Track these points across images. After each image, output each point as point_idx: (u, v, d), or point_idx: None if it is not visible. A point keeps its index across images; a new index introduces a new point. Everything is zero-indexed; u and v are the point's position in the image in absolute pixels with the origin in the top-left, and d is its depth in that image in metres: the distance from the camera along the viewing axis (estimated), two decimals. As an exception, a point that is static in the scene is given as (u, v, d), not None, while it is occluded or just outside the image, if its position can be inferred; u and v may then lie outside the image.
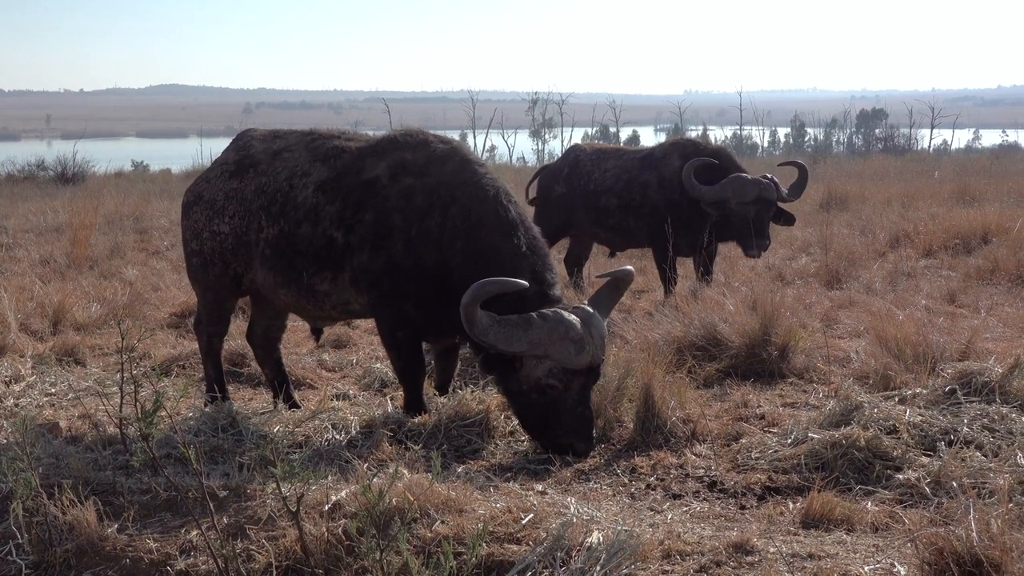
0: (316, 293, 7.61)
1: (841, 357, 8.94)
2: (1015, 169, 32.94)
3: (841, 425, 6.62)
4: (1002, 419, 6.65)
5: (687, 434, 7.02)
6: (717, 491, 6.12)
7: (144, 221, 20.93)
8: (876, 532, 5.31)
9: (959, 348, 8.45)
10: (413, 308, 7.28)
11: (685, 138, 14.46)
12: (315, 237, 7.48)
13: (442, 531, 4.87)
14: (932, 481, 5.84)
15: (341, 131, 8.20)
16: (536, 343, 6.53)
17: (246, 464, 6.08)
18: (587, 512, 5.25)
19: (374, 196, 7.36)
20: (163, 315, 11.72)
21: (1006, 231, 15.55)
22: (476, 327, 6.44)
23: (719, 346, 8.91)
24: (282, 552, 4.84)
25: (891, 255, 15.13)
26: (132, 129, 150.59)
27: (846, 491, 5.90)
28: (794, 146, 69.71)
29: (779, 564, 4.68)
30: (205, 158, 41.86)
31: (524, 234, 7.15)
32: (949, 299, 11.85)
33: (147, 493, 5.69)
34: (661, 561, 4.76)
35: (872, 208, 20.50)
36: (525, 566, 4.60)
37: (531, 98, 75.12)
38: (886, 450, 6.21)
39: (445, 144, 7.62)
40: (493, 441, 7.07)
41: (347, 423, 7.06)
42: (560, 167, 13.64)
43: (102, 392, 7.77)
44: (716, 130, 76.43)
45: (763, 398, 8.05)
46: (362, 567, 4.62)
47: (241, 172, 7.96)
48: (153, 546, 5.08)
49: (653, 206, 12.30)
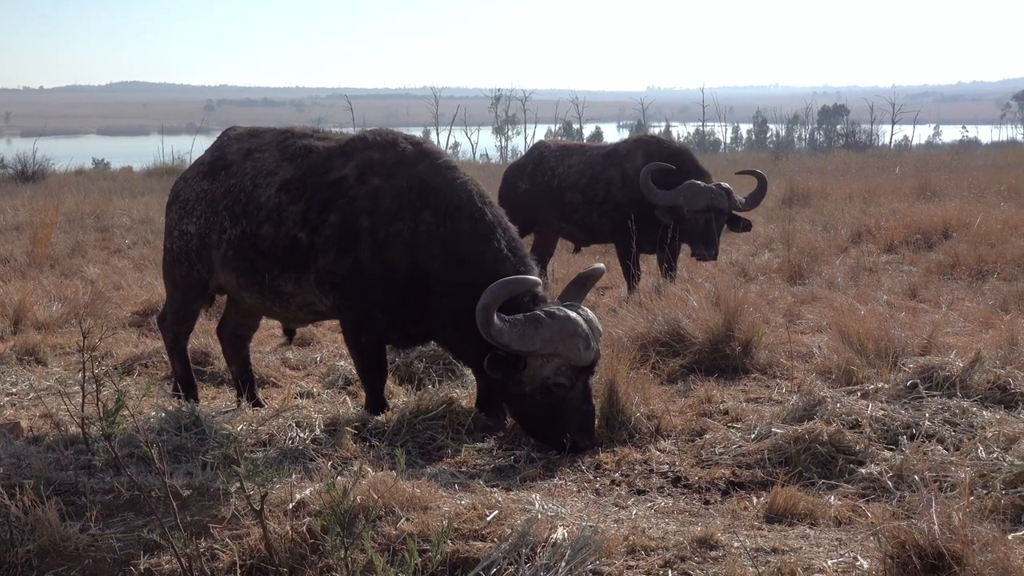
0: (280, 295, 7.56)
1: (804, 352, 8.98)
2: (975, 164, 33.22)
3: (804, 420, 6.66)
4: (963, 413, 6.69)
5: (651, 430, 7.04)
6: (681, 486, 6.14)
7: (105, 219, 20.78)
8: (839, 526, 5.34)
9: (920, 343, 8.51)
10: (380, 312, 7.23)
11: (649, 135, 14.49)
12: (278, 238, 7.40)
13: (407, 529, 4.87)
14: (894, 475, 5.87)
15: (315, 130, 8.10)
16: (548, 341, 6.54)
17: (209, 463, 6.06)
18: (552, 508, 5.26)
19: (340, 197, 7.28)
20: (125, 314, 11.63)
21: (966, 226, 15.68)
22: (492, 328, 6.42)
23: (683, 342, 8.93)
24: (246, 551, 4.82)
25: (853, 250, 15.21)
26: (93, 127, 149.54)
27: (809, 485, 5.93)
28: (756, 142, 70.08)
29: (743, 559, 4.69)
30: (167, 156, 41.68)
31: (503, 235, 7.13)
32: (910, 294, 11.94)
33: (110, 493, 5.66)
34: (626, 556, 4.76)
35: (834, 204, 20.61)
36: (490, 563, 4.60)
37: (494, 95, 75.15)
38: (849, 444, 6.24)
39: (415, 145, 7.52)
40: (458, 437, 7.06)
41: (311, 421, 7.03)
42: (524, 164, 13.72)
43: (64, 391, 7.70)
44: (679, 126, 76.71)
45: (727, 393, 8.07)
46: (327, 565, 4.61)
47: (214, 173, 7.91)
48: (116, 546, 5.05)
49: (616, 203, 12.34)
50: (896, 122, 64.15)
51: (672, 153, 12.42)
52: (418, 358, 8.70)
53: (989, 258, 13.47)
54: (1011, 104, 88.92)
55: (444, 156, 7.57)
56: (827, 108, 77.50)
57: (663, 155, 12.29)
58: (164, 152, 42.69)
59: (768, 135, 73.00)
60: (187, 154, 41.02)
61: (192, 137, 47.18)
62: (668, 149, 12.62)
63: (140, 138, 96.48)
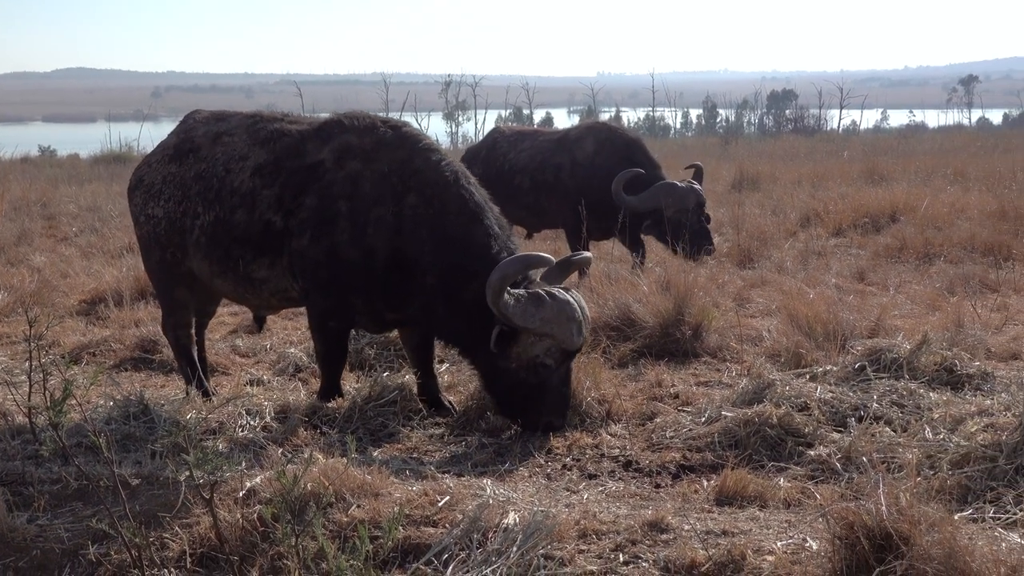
0: (253, 281, 7.49)
1: (753, 336, 9.03)
2: (922, 149, 33.52)
3: (754, 403, 6.70)
4: (910, 395, 6.76)
5: (602, 414, 7.06)
6: (632, 470, 6.16)
7: (52, 207, 20.60)
8: (788, 508, 5.38)
9: (868, 325, 8.59)
10: (356, 297, 7.19)
11: (600, 122, 14.54)
12: (252, 223, 7.33)
13: (358, 515, 4.87)
14: (843, 457, 5.92)
15: (285, 114, 8.04)
16: (546, 321, 6.55)
17: (159, 452, 6.03)
18: (503, 494, 5.27)
19: (317, 180, 7.20)
20: (72, 302, 11.53)
21: (913, 210, 15.83)
22: (501, 301, 6.43)
23: (633, 327, 8.95)
24: (196, 539, 4.80)
25: (802, 234, 15.32)
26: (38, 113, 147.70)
27: (759, 468, 5.97)
28: (706, 127, 70.23)
29: (694, 541, 4.72)
30: (114, 143, 41.24)
31: (491, 214, 7.13)
32: (858, 277, 12.04)
33: (57, 483, 5.62)
34: (577, 540, 4.78)
35: (783, 188, 20.75)
36: (442, 548, 4.60)
37: (444, 80, 74.91)
38: (798, 427, 6.29)
39: (394, 129, 7.44)
40: (410, 423, 7.05)
41: (261, 409, 6.99)
42: (479, 148, 13.88)
43: (10, 381, 7.61)
44: (629, 111, 76.74)
45: (677, 377, 8.10)
46: (278, 553, 4.60)
47: (180, 157, 7.81)
48: (64, 536, 5.02)
49: (565, 189, 12.38)
50: (844, 107, 64.57)
51: (625, 143, 12.52)
52: (369, 344, 8.69)
53: (936, 241, 13.60)
54: (957, 89, 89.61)
55: (425, 139, 7.48)
56: (776, 93, 77.75)
57: (615, 144, 12.39)
58: (111, 139, 42.29)
59: (718, 120, 73.14)
60: (135, 141, 40.64)
61: (140, 124, 46.73)
62: (621, 138, 12.71)
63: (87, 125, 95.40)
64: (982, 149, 32.40)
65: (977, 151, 31.41)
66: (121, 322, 10.29)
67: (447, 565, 4.50)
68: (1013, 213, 15.16)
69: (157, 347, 9.26)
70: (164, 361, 9.09)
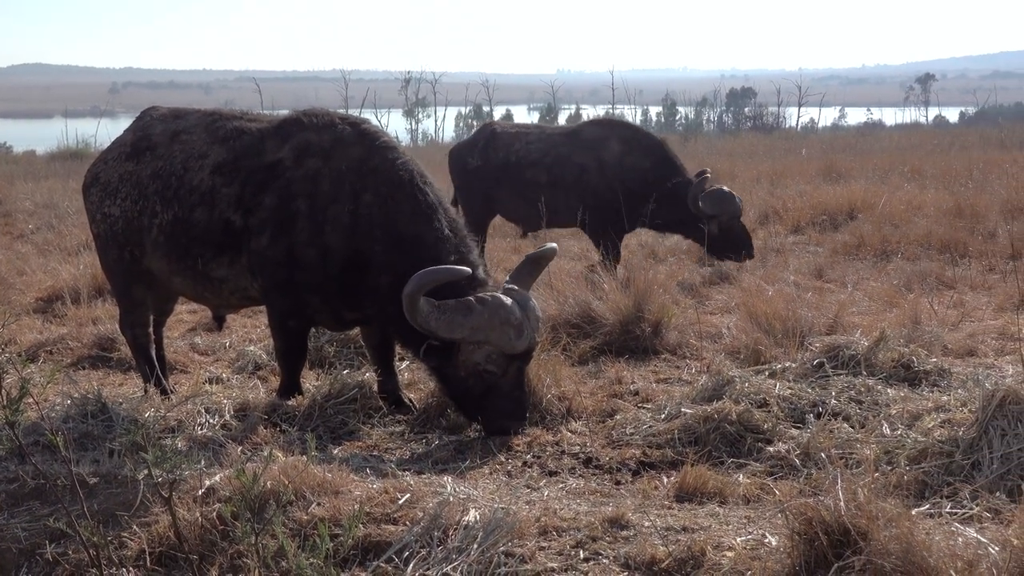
0: (212, 280, 7.44)
1: (713, 333, 9.07)
2: (879, 147, 33.76)
3: (713, 400, 6.72)
4: (868, 391, 6.80)
5: (563, 411, 7.06)
6: (593, 467, 6.17)
7: (8, 204, 20.45)
8: (748, 504, 5.40)
9: (827, 322, 8.63)
10: (314, 297, 7.15)
11: (617, 120, 14.62)
12: (211, 222, 7.27)
13: (318, 513, 4.85)
14: (801, 453, 5.95)
15: (244, 112, 8.00)
16: (477, 329, 6.46)
17: (117, 450, 5.98)
18: (464, 491, 5.26)
19: (276, 179, 7.14)
20: (29, 300, 11.44)
21: (871, 207, 15.95)
22: (419, 315, 6.35)
23: (593, 324, 8.97)
24: (155, 538, 4.78)
25: (760, 232, 15.39)
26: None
27: (719, 464, 5.99)
28: (666, 125, 70.39)
29: (654, 538, 4.73)
30: (71, 139, 40.91)
31: (444, 216, 7.04)
32: (817, 274, 12.12)
33: (14, 482, 5.57)
34: (538, 537, 4.78)
35: (742, 185, 20.76)
36: (402, 546, 4.59)
37: (404, 77, 74.81)
38: (757, 423, 6.32)
39: (352, 126, 7.37)
40: (370, 421, 7.04)
41: (221, 407, 6.96)
42: (474, 141, 13.66)
43: (-34, 380, 7.55)
44: (589, 109, 76.73)
45: (637, 374, 8.13)
46: (237, 551, 4.57)
47: (137, 154, 7.74)
48: (21, 535, 4.98)
49: (594, 190, 12.30)
50: (802, 105, 65.02)
51: (647, 141, 12.66)
52: (329, 342, 8.66)
53: (893, 238, 13.72)
54: (914, 87, 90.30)
55: (383, 136, 7.42)
56: (735, 91, 78.08)
57: (643, 145, 12.47)
58: (68, 136, 41.96)
59: (677, 118, 73.34)
60: (92, 137, 40.34)
61: (97, 120, 46.41)
62: (648, 139, 12.87)
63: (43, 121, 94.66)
64: (938, 147, 32.69)
65: (933, 149, 31.70)
66: (78, 320, 10.22)
67: (408, 563, 4.49)
68: (969, 210, 15.32)
69: (115, 345, 9.19)
70: (122, 359, 9.03)
